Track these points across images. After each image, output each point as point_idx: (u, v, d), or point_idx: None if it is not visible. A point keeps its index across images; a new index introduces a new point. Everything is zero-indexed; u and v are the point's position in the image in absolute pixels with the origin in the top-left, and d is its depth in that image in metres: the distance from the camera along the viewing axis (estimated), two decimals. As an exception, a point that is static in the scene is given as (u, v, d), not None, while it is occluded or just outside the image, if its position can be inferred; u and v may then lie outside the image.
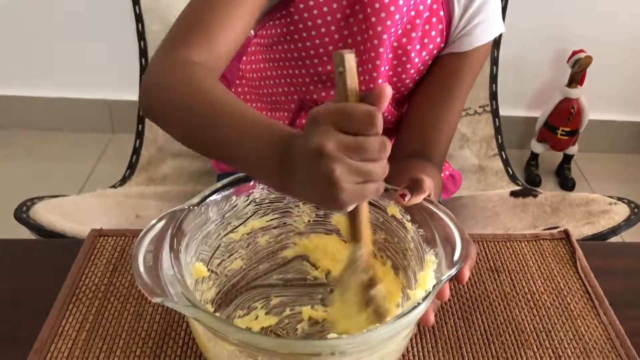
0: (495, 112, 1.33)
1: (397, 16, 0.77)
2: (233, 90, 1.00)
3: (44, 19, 1.89)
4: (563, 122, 1.89)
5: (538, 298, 0.66)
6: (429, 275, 0.53)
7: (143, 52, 1.25)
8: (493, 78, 1.32)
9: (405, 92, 0.88)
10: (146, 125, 1.27)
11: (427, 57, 0.84)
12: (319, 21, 0.79)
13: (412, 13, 0.80)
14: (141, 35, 1.24)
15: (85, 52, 1.95)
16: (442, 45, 0.84)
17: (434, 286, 0.51)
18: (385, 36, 0.78)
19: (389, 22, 0.77)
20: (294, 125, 0.90)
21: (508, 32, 1.35)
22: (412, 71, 0.84)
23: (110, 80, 1.99)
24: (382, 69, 0.82)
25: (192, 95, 0.60)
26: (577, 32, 1.89)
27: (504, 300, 0.66)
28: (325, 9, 0.78)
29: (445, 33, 0.83)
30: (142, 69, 1.26)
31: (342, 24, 0.79)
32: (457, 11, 0.82)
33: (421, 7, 0.80)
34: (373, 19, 0.77)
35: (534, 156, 2.02)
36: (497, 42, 1.30)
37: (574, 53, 1.83)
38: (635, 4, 1.85)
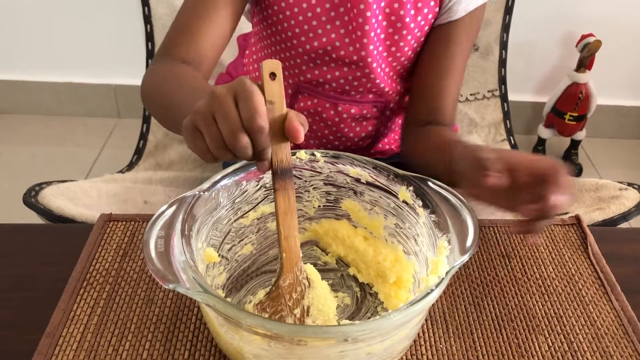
0: (504, 97, 1.32)
1: None
2: None
3: (49, 3, 1.88)
4: (571, 107, 1.87)
5: (549, 284, 0.66)
6: (442, 262, 0.53)
7: (149, 36, 1.24)
8: (502, 62, 1.31)
9: (406, 62, 0.88)
10: (153, 110, 1.26)
11: (422, 22, 0.84)
12: (304, 5, 0.79)
13: None
14: (147, 19, 1.23)
15: (91, 37, 1.94)
16: (437, 9, 0.84)
17: (447, 272, 0.50)
18: None
19: None
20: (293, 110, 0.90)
21: (517, 17, 1.34)
22: (409, 37, 0.84)
23: (116, 64, 1.99)
24: (372, 34, 0.81)
25: (168, 83, 0.72)
26: (586, 15, 1.87)
27: (515, 286, 0.66)
28: None
29: None
30: (149, 53, 1.25)
31: (327, 6, 0.80)
32: None
33: None
34: None
35: (541, 141, 2.00)
36: (506, 26, 1.28)
37: (583, 37, 1.81)
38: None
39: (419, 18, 0.83)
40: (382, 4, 0.81)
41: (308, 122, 0.91)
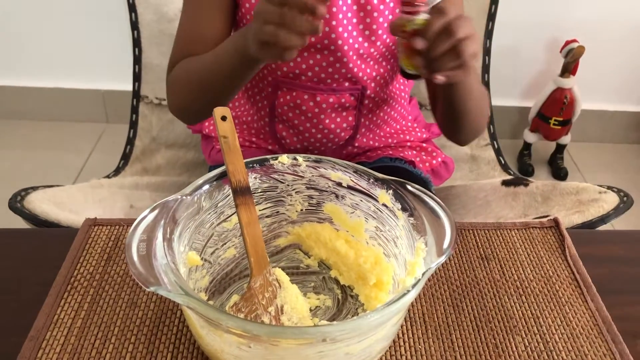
0: (487, 102, 1.34)
1: None
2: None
3: (37, 9, 1.88)
4: (556, 111, 1.89)
5: (527, 285, 0.67)
6: (419, 263, 0.54)
7: (136, 42, 1.25)
8: (485, 68, 1.32)
9: (382, 47, 0.90)
10: (140, 115, 1.27)
11: (392, 5, 0.86)
12: None
13: None
14: (134, 25, 1.24)
15: (79, 42, 1.94)
16: None
17: (423, 273, 0.52)
18: None
19: None
20: (274, 107, 0.95)
21: (501, 23, 1.36)
22: (381, 20, 0.87)
23: (104, 70, 1.99)
24: (341, 16, 0.85)
25: (193, 71, 0.86)
26: (570, 21, 1.89)
27: (493, 288, 0.67)
28: None
29: None
30: (136, 59, 1.26)
31: None
32: None
33: None
34: None
35: (527, 146, 2.03)
36: (489, 33, 1.30)
37: (567, 43, 1.83)
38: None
39: (387, 0, 0.86)
40: None
41: (289, 116, 0.97)
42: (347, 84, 0.91)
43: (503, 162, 1.30)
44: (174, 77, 0.90)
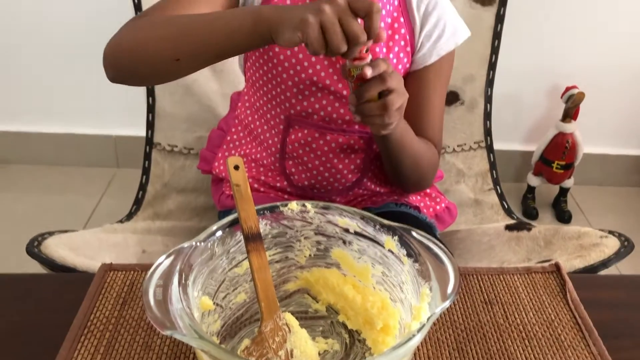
0: (489, 148, 1.37)
1: None
2: (229, 137, 1.07)
3: (49, 55, 1.95)
4: (558, 155, 1.93)
5: (530, 329, 0.69)
6: (424, 308, 0.56)
7: (150, 92, 1.30)
8: (487, 115, 1.36)
9: None
10: (152, 162, 1.31)
11: (395, 60, 0.92)
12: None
13: None
14: (148, 76, 1.29)
15: (92, 89, 2.00)
16: (408, 49, 0.93)
17: (428, 318, 0.53)
18: None
19: None
20: (285, 143, 0.98)
21: (503, 69, 1.40)
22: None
23: (116, 116, 2.04)
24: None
25: (171, 20, 0.77)
26: (569, 68, 1.95)
27: (497, 332, 0.69)
28: None
29: (409, 40, 0.92)
30: (149, 107, 1.31)
31: None
32: (417, 19, 0.93)
33: (383, 12, 0.89)
34: None
35: (531, 189, 2.05)
36: (490, 81, 1.35)
37: (567, 89, 1.88)
38: (623, 41, 1.91)
39: (391, 55, 0.91)
40: None
41: (299, 153, 1.00)
42: (357, 126, 0.95)
43: (506, 206, 1.32)
44: (142, 17, 0.81)
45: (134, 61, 0.79)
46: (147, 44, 0.77)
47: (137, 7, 1.25)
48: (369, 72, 0.72)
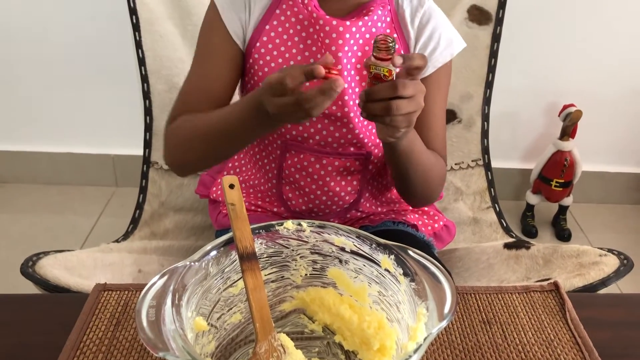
0: (487, 166, 1.37)
1: (347, 35, 0.88)
2: (230, 164, 1.09)
3: (49, 75, 1.96)
4: (557, 173, 1.93)
5: (529, 349, 0.68)
6: (420, 329, 0.55)
7: (148, 111, 1.30)
8: (484, 133, 1.36)
9: None
10: (150, 181, 1.30)
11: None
12: (280, 60, 0.90)
13: (367, 36, 0.90)
14: (146, 95, 1.30)
15: (90, 108, 2.01)
16: None
17: (425, 338, 0.53)
18: (340, 54, 0.88)
19: (340, 42, 0.87)
20: (282, 168, 0.98)
21: (500, 88, 1.41)
22: None
23: (115, 135, 2.05)
24: (348, 88, 0.90)
25: (198, 128, 0.88)
26: (566, 86, 1.95)
27: (495, 352, 0.68)
28: (282, 48, 0.90)
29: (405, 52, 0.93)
30: (147, 127, 1.31)
31: (299, 58, 0.90)
32: (412, 33, 0.93)
33: (374, 30, 0.90)
34: (327, 41, 0.88)
35: (530, 207, 2.05)
36: (487, 100, 1.35)
37: (565, 107, 1.88)
38: (620, 59, 1.93)
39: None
40: (353, 60, 0.90)
41: (295, 178, 1.01)
42: (352, 148, 0.95)
43: (505, 224, 1.32)
44: (175, 129, 0.91)
45: (189, 170, 1.00)
46: (187, 161, 0.93)
47: (136, 27, 1.26)
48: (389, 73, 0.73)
